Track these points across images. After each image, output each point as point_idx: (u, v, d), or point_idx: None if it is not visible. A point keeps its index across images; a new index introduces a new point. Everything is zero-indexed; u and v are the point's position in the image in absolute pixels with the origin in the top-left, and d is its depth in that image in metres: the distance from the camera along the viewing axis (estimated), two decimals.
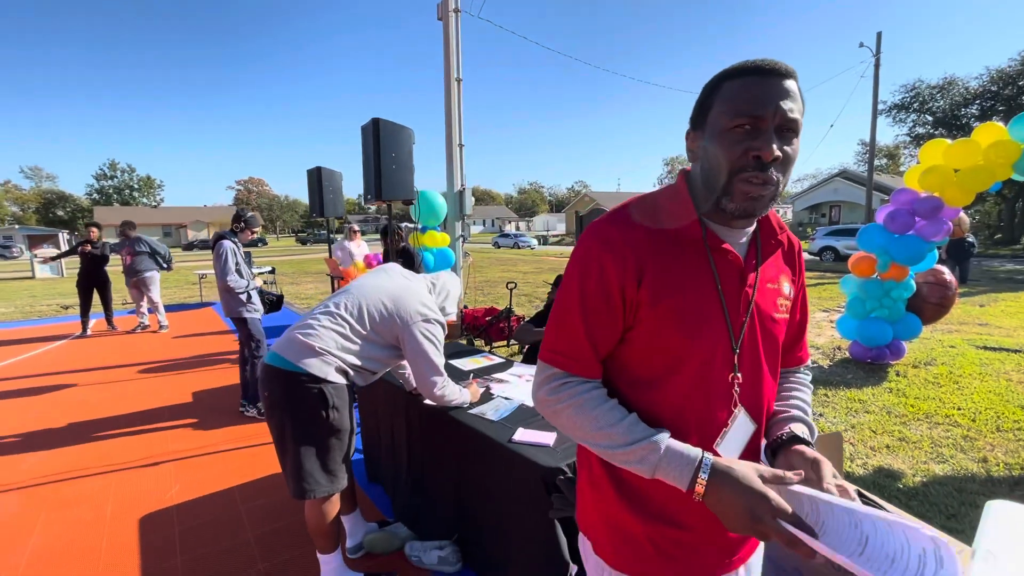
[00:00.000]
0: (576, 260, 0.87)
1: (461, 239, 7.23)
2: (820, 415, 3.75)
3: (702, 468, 0.75)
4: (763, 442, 0.94)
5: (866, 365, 4.98)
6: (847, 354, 5.27)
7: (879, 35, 18.25)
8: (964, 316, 7.38)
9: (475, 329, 6.34)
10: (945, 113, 23.85)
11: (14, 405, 4.56)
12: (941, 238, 4.49)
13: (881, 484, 2.77)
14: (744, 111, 0.75)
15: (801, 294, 1.00)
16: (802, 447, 0.84)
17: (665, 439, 0.80)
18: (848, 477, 2.81)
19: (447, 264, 5.46)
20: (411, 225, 6.14)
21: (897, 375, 4.66)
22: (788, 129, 0.77)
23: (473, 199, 7.65)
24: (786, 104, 0.75)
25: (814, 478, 0.78)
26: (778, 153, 0.75)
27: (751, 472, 0.74)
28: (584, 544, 1.00)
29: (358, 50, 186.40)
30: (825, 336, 6.31)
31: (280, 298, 4.58)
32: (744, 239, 0.89)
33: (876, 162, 23.88)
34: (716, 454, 0.83)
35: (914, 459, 3.05)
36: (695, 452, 0.77)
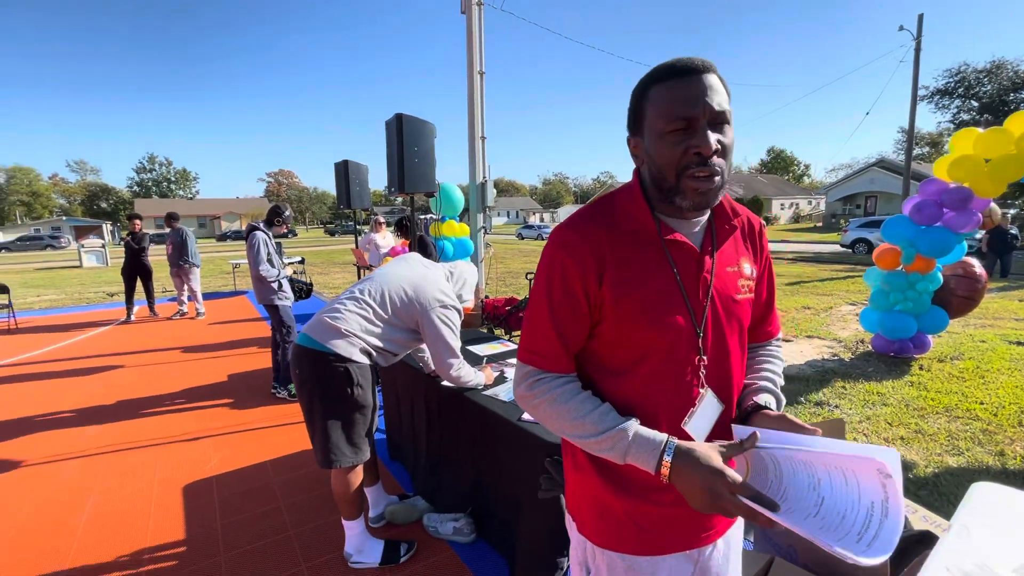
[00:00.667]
0: (542, 265, 0.93)
1: (483, 230, 7.36)
2: (835, 406, 3.76)
3: (666, 451, 0.80)
4: (733, 416, 0.99)
5: (888, 358, 4.92)
6: (870, 347, 5.21)
7: (920, 17, 17.45)
8: (1001, 311, 7.14)
9: (495, 318, 6.47)
10: (992, 98, 22.75)
11: (68, 384, 4.94)
12: (970, 230, 4.39)
13: None
14: (677, 114, 0.80)
15: (767, 272, 1.04)
16: (765, 411, 0.90)
17: (633, 426, 0.85)
18: None
19: (466, 253, 5.59)
20: (432, 216, 6.31)
21: (920, 369, 4.60)
22: (720, 121, 0.81)
23: (495, 191, 7.76)
24: (712, 99, 0.80)
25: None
26: (716, 146, 0.81)
27: (710, 451, 0.79)
28: (570, 523, 1.06)
29: (382, 43, 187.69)
30: (850, 329, 6.22)
31: (310, 286, 4.81)
32: (698, 228, 0.93)
33: (918, 151, 22.94)
34: (685, 433, 0.88)
35: (928, 451, 3.05)
36: (660, 437, 0.82)
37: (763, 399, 0.95)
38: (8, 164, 64.71)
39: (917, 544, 1.55)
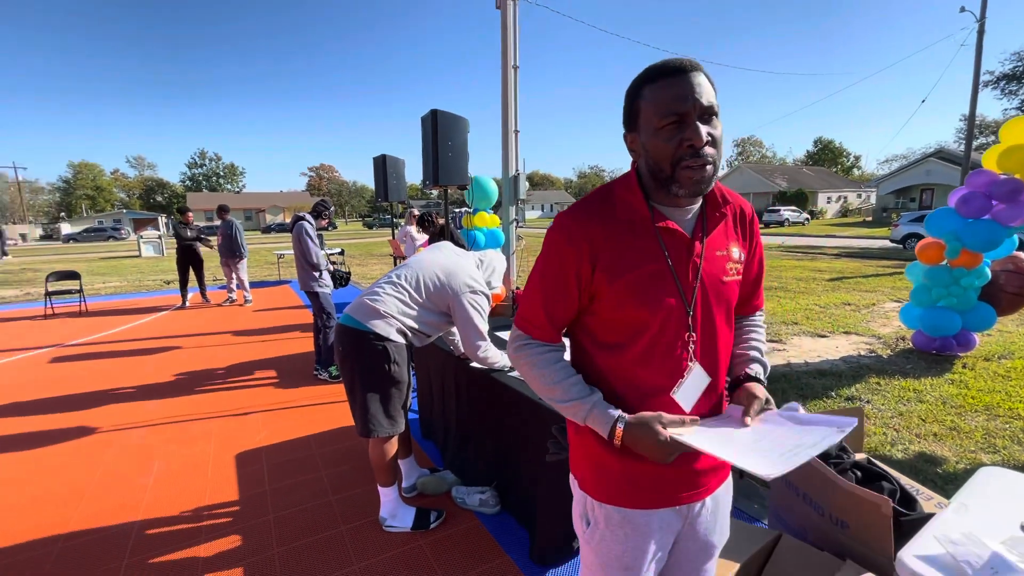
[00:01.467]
0: (544, 246, 1.03)
1: (515, 223, 7.48)
2: (867, 401, 3.71)
3: (619, 422, 0.96)
4: (722, 388, 1.08)
5: (929, 356, 4.77)
6: (911, 345, 5.05)
7: None
8: None
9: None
10: None
11: (132, 362, 5.39)
12: (1021, 223, 4.19)
13: (918, 468, 2.77)
14: (670, 110, 0.88)
15: (757, 255, 1.12)
16: (748, 384, 1.03)
17: (593, 399, 0.99)
18: (883, 460, 2.83)
19: (496, 243, 5.73)
20: (465, 208, 6.47)
21: (964, 367, 4.44)
22: (709, 114, 0.90)
23: (528, 184, 7.86)
24: (701, 95, 0.88)
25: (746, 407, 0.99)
26: (707, 137, 0.89)
27: (651, 418, 0.94)
28: (573, 482, 1.15)
29: (417, 39, 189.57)
30: (892, 326, 6.03)
31: (348, 275, 5.07)
32: (691, 215, 1.01)
33: (980, 140, 21.47)
34: (674, 401, 0.99)
35: (962, 448, 3.00)
36: (614, 413, 0.97)
37: (753, 369, 1.08)
38: (76, 161, 69.41)
39: (922, 526, 1.59)
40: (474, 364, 2.48)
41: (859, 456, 1.95)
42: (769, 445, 0.86)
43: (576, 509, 1.14)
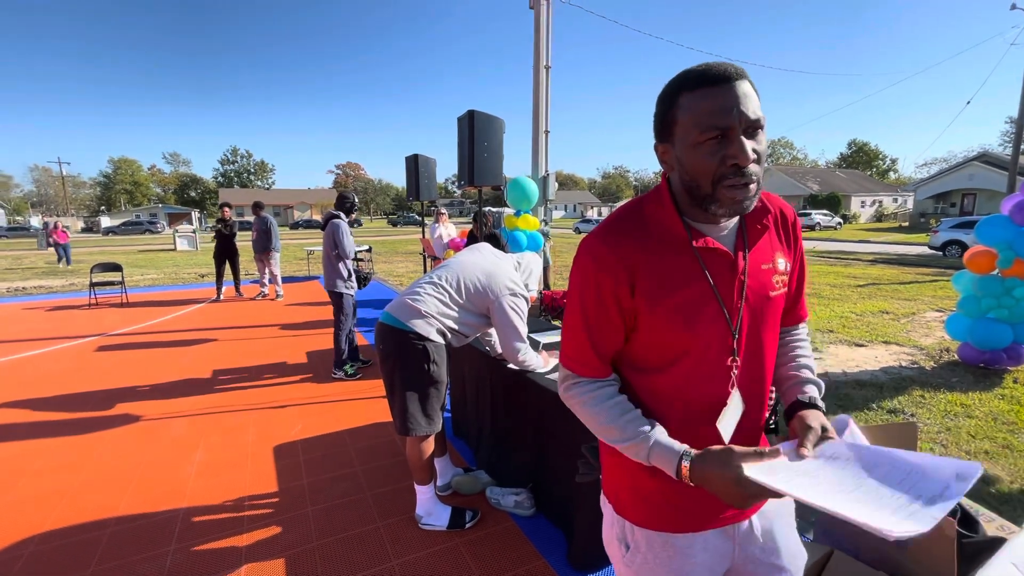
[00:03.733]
0: (576, 275, 0.95)
1: (543, 223, 7.46)
2: (911, 415, 3.57)
3: (683, 458, 0.85)
4: (765, 412, 1.00)
5: (977, 369, 4.57)
6: (956, 357, 4.86)
7: None
8: None
9: (553, 310, 6.59)
10: None
11: (172, 353, 5.57)
12: None
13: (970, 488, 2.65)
14: (713, 124, 0.80)
15: (799, 261, 1.03)
16: (803, 413, 0.92)
17: (654, 436, 0.89)
18: None
19: (537, 246, 5.71)
20: (506, 209, 6.48)
21: (1015, 382, 4.25)
22: (755, 128, 0.81)
23: (556, 185, 7.84)
24: (747, 108, 0.79)
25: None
26: (753, 155, 0.81)
27: (723, 451, 0.82)
28: (605, 506, 1.09)
29: (447, 38, 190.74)
30: (934, 337, 5.81)
31: (368, 276, 5.11)
32: (727, 230, 0.93)
33: None
34: (716, 431, 0.91)
35: (1016, 467, 2.86)
36: (678, 448, 0.87)
37: (810, 392, 0.98)
38: (116, 157, 72.18)
39: (988, 551, 1.52)
40: (511, 365, 2.48)
41: None
42: (877, 490, 0.74)
43: (610, 531, 1.08)
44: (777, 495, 0.75)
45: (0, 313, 7.95)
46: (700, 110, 0.80)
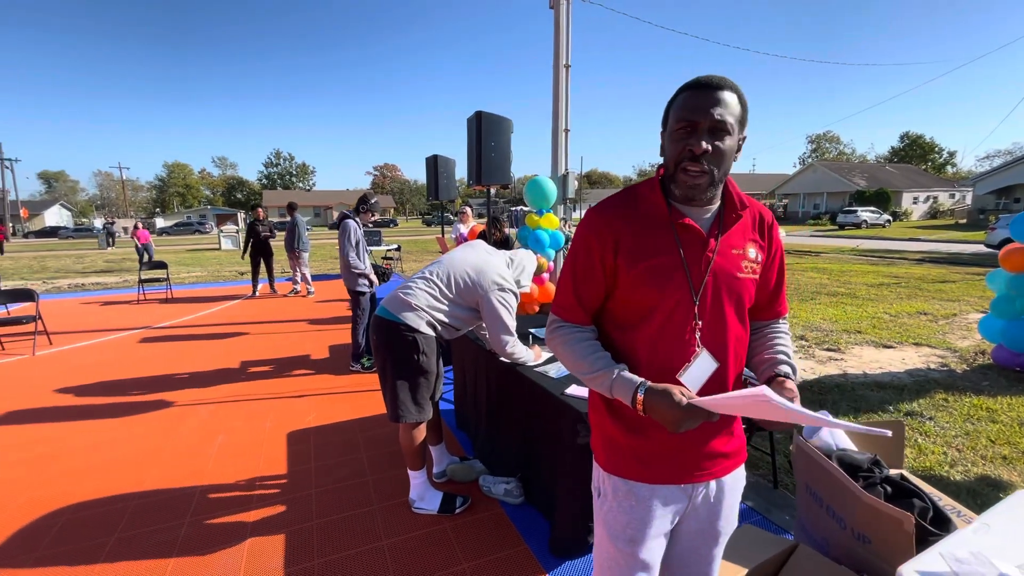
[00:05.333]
0: (575, 239, 1.15)
1: (564, 222, 7.49)
2: (929, 418, 3.44)
3: (639, 389, 1.01)
4: (732, 377, 1.13)
5: (1012, 373, 4.33)
6: (991, 360, 4.61)
7: None
8: None
9: None
10: None
11: (206, 345, 5.93)
12: None
13: (978, 492, 2.56)
14: (685, 116, 1.00)
15: (777, 260, 1.18)
16: (779, 379, 1.09)
17: (617, 369, 1.06)
18: (937, 481, 2.64)
19: (558, 245, 5.74)
20: (525, 208, 6.57)
21: None
22: (718, 129, 0.99)
23: (588, 183, 7.84)
24: (716, 111, 0.98)
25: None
26: (707, 147, 0.98)
27: (671, 388, 0.98)
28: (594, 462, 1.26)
29: (476, 39, 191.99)
30: (972, 339, 5.51)
31: (387, 272, 5.26)
32: (708, 215, 1.09)
33: None
34: (679, 382, 1.05)
35: None
36: (637, 380, 1.03)
37: (783, 370, 1.12)
38: (170, 161, 76.44)
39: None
40: (502, 358, 2.56)
41: (894, 471, 1.86)
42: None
43: (593, 483, 1.25)
44: (706, 417, 0.95)
45: (60, 307, 8.63)
46: (682, 106, 1.01)
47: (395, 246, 12.67)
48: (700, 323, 1.06)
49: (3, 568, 2.17)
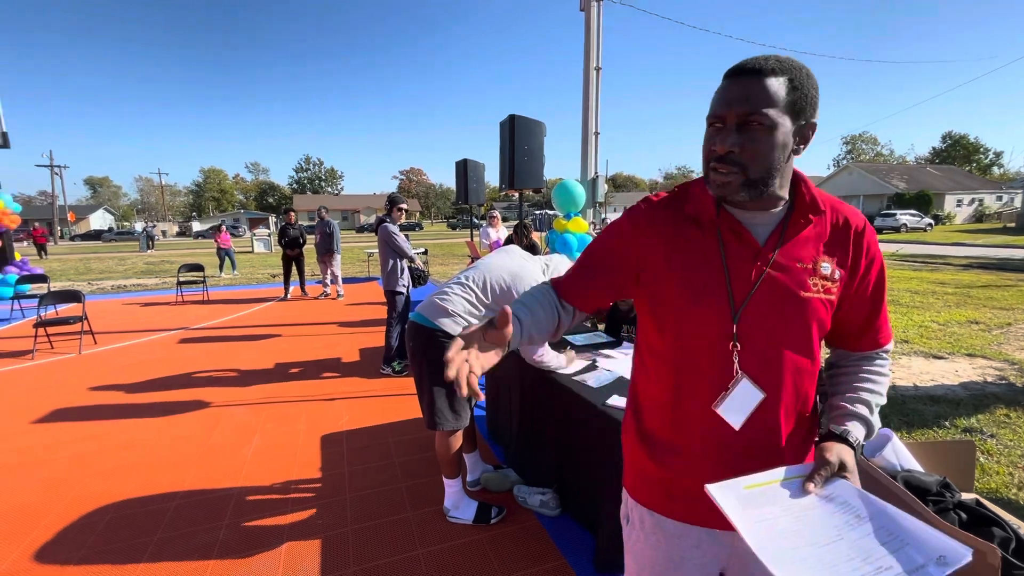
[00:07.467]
0: (611, 224, 1.07)
1: (592, 226, 7.41)
2: (990, 435, 3.22)
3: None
4: (790, 414, 0.95)
5: None
6: None
7: None
8: None
9: (599, 312, 6.51)
10: None
11: (241, 346, 6.05)
12: None
13: None
14: (712, 111, 0.88)
15: (873, 277, 0.96)
16: (825, 444, 0.90)
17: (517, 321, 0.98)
18: (1007, 504, 2.46)
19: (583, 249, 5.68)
20: (550, 212, 6.52)
21: None
22: (749, 124, 0.84)
23: (606, 187, 7.75)
24: (742, 102, 0.83)
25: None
26: (729, 148, 0.85)
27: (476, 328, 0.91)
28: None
29: (503, 44, 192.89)
30: None
31: (426, 275, 5.29)
32: (768, 220, 0.93)
33: None
34: (717, 414, 0.92)
35: None
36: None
37: (843, 427, 0.92)
38: (205, 166, 79.30)
39: None
40: (534, 365, 2.51)
41: (967, 496, 1.72)
42: (850, 551, 0.72)
43: (622, 508, 1.16)
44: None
45: (103, 308, 8.97)
46: (714, 99, 0.89)
47: (422, 250, 12.77)
48: (740, 346, 0.91)
49: (52, 565, 2.22)
